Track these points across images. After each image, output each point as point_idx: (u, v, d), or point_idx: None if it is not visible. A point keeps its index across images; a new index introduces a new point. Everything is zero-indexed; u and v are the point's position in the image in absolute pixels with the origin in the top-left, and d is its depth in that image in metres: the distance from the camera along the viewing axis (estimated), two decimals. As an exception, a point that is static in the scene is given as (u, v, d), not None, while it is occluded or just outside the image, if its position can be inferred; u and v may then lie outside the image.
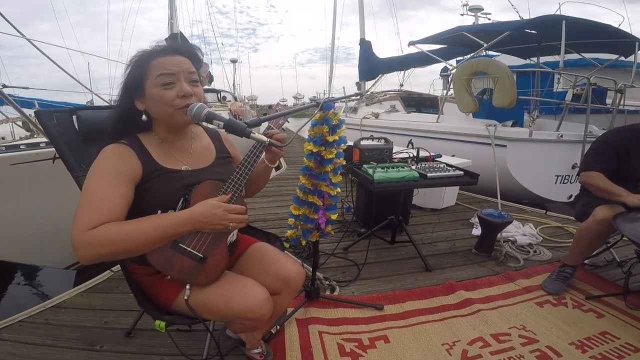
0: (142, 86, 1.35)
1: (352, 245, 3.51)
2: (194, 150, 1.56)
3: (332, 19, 16.84)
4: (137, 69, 1.36)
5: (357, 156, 3.39)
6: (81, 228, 1.15)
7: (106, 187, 1.24)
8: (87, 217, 1.17)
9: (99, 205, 1.20)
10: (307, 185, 2.09)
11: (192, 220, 1.27)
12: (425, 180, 2.84)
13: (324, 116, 1.97)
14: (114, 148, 1.35)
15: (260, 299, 1.42)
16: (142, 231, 1.21)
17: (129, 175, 1.31)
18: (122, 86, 1.40)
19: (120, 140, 1.39)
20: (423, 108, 9.55)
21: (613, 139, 2.59)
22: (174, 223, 1.26)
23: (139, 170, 1.35)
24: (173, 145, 1.50)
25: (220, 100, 15.39)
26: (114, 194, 1.24)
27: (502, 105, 5.57)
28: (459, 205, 4.97)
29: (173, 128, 1.47)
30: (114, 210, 1.22)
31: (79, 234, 1.14)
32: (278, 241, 1.98)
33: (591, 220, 2.48)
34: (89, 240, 1.14)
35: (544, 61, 7.71)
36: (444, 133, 6.63)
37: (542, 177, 5.47)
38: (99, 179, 1.26)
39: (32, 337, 2.20)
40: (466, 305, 2.51)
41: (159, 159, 1.42)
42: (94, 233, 1.15)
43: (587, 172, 2.58)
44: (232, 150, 1.75)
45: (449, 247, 3.55)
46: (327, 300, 2.56)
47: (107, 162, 1.30)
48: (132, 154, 1.35)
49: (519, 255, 3.25)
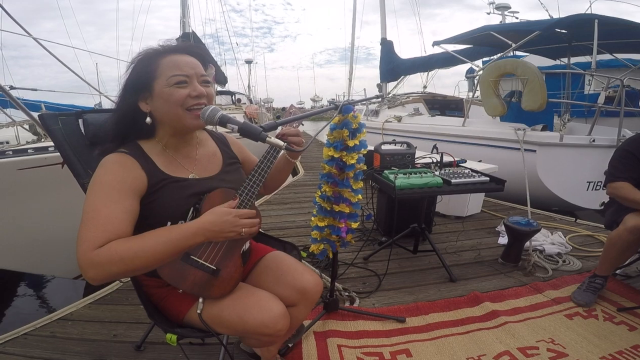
0: (150, 85, 1.32)
1: (372, 255, 3.52)
2: (200, 158, 1.54)
3: (352, 17, 16.80)
4: (145, 67, 1.33)
5: (377, 161, 3.35)
6: (87, 247, 1.12)
7: (109, 202, 1.21)
8: (91, 235, 1.14)
9: (103, 222, 1.17)
10: (330, 193, 2.08)
11: (202, 230, 1.25)
12: (449, 187, 2.83)
13: (344, 120, 1.96)
14: (115, 158, 1.32)
15: (276, 314, 1.40)
16: (152, 246, 1.18)
17: (133, 188, 1.28)
18: (125, 85, 1.36)
19: (120, 149, 1.36)
20: (447, 111, 9.54)
21: (634, 147, 2.59)
22: (184, 235, 1.23)
23: (143, 181, 1.32)
24: (178, 152, 1.47)
25: (234, 102, 15.47)
26: (118, 209, 1.21)
27: (532, 108, 5.57)
28: (484, 213, 4.96)
29: (179, 132, 1.44)
30: (119, 227, 1.19)
31: (85, 254, 1.12)
32: (295, 250, 1.97)
33: (622, 229, 2.47)
34: (96, 259, 1.11)
35: (574, 62, 7.65)
36: (470, 137, 6.62)
37: (573, 184, 5.44)
38: (101, 194, 1.22)
39: (38, 350, 2.20)
40: (492, 318, 2.51)
41: (164, 167, 1.40)
42: (102, 252, 1.12)
43: (614, 183, 2.58)
44: (240, 154, 1.74)
45: (474, 257, 3.55)
46: (346, 312, 2.56)
47: (109, 175, 1.27)
48: (134, 164, 1.32)
49: (548, 265, 3.23)
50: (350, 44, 17.31)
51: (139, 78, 1.33)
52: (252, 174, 1.45)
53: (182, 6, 11.45)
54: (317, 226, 2.17)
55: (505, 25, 10.35)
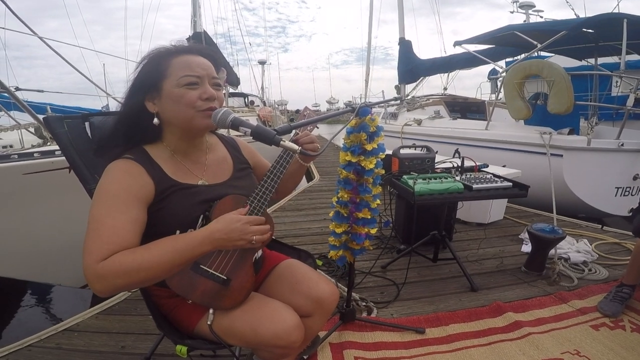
0: (159, 85, 1.32)
1: (390, 263, 3.53)
2: (210, 163, 1.53)
3: (369, 16, 16.74)
4: (155, 66, 1.33)
5: (396, 166, 3.36)
6: (92, 260, 1.13)
7: (115, 212, 1.21)
8: (96, 247, 1.15)
9: (108, 233, 1.17)
10: (347, 199, 2.08)
11: (210, 238, 1.24)
12: (471, 192, 2.82)
13: (361, 123, 1.95)
14: (120, 165, 1.31)
15: (290, 325, 1.39)
16: (157, 257, 1.17)
17: (139, 196, 1.28)
18: (132, 84, 1.36)
19: (125, 155, 1.34)
20: (468, 113, 9.52)
21: None
22: (190, 245, 1.22)
23: (150, 189, 1.31)
24: (186, 157, 1.47)
25: (247, 105, 15.52)
26: (123, 219, 1.21)
27: (558, 111, 5.55)
28: (507, 220, 4.94)
29: (189, 135, 1.44)
30: (125, 238, 1.19)
31: (90, 266, 1.12)
32: (310, 258, 1.96)
33: (651, 236, 2.47)
34: (101, 272, 1.12)
35: (600, 63, 7.60)
36: (494, 141, 6.62)
37: (601, 189, 5.41)
38: (106, 204, 1.22)
39: (42, 363, 2.21)
40: (515, 329, 2.50)
41: (172, 173, 1.39)
42: (106, 265, 1.12)
43: None
44: (252, 159, 1.74)
45: (496, 265, 3.54)
46: (363, 323, 2.56)
47: (115, 183, 1.26)
48: (141, 171, 1.31)
49: (573, 274, 3.22)
50: (367, 44, 17.26)
51: (148, 76, 1.33)
52: (265, 180, 1.44)
53: (192, 4, 11.22)
54: (334, 232, 2.16)
55: (530, 24, 10.33)
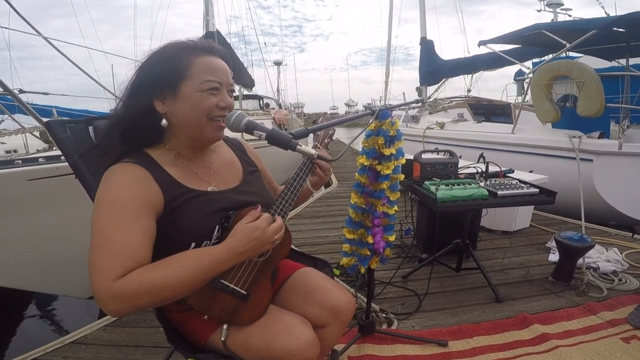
0: (177, 85, 1.27)
1: (412, 273, 3.54)
2: (216, 167, 1.50)
3: (389, 14, 16.57)
4: (175, 62, 1.28)
5: (417, 171, 3.31)
6: (106, 278, 1.07)
7: (123, 224, 1.15)
8: (109, 264, 1.09)
9: (119, 248, 1.11)
10: (360, 204, 2.09)
11: (235, 253, 1.21)
12: (495, 199, 2.82)
13: (380, 126, 1.96)
14: (124, 170, 1.25)
15: (305, 341, 1.36)
16: (180, 276, 1.14)
17: (148, 204, 1.22)
18: (142, 80, 1.30)
19: (126, 159, 1.28)
20: (493, 116, 9.47)
21: None
22: (215, 262, 1.19)
23: (159, 197, 1.26)
24: (191, 161, 1.42)
25: (262, 107, 15.49)
26: (134, 231, 1.16)
27: (588, 114, 5.52)
28: (533, 228, 4.93)
29: (196, 142, 1.41)
30: (138, 253, 1.14)
31: (104, 286, 1.06)
32: (327, 267, 1.92)
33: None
34: (118, 292, 1.06)
35: (632, 64, 7.53)
36: (520, 145, 6.61)
37: (633, 196, 5.36)
38: (112, 215, 1.16)
39: (48, 377, 2.21)
40: (542, 341, 2.50)
41: (181, 179, 1.34)
42: (124, 284, 1.07)
43: None
44: (259, 163, 1.71)
45: (522, 275, 3.55)
46: (383, 335, 2.58)
47: (119, 191, 1.20)
48: (147, 177, 1.26)
49: (602, 284, 3.22)
50: (387, 43, 17.21)
51: (166, 73, 1.27)
52: (284, 192, 1.41)
53: (205, 2, 11.10)
54: (346, 238, 2.19)
55: (558, 23, 10.23)
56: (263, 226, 1.26)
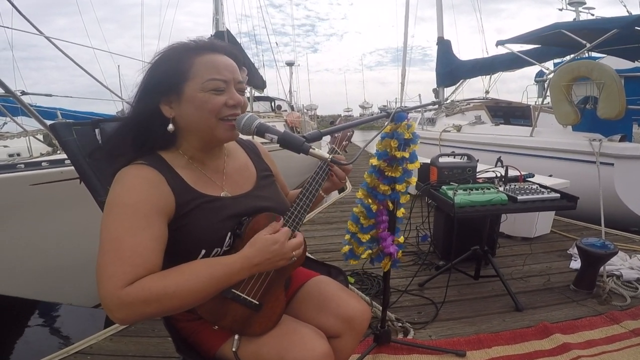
0: (180, 87, 1.25)
1: (428, 281, 3.53)
2: (230, 171, 1.48)
3: (405, 13, 16.52)
4: (175, 64, 1.26)
5: (434, 176, 3.27)
6: (114, 285, 1.05)
7: (134, 229, 1.13)
8: (118, 270, 1.07)
9: (129, 254, 1.10)
10: (366, 201, 2.11)
11: (249, 264, 1.20)
12: (515, 204, 2.80)
13: (396, 129, 1.96)
14: (136, 172, 1.23)
15: (319, 353, 1.34)
16: (192, 285, 1.12)
17: (160, 208, 1.20)
18: (145, 85, 1.29)
19: (138, 161, 1.26)
20: (512, 119, 9.44)
21: None
22: (229, 272, 1.18)
23: (171, 201, 1.24)
24: (205, 165, 1.41)
25: (274, 109, 15.51)
26: (146, 237, 1.14)
27: (609, 116, 5.51)
28: (554, 234, 4.91)
29: (208, 145, 1.39)
30: (149, 259, 1.13)
31: (112, 293, 1.05)
32: (341, 275, 1.90)
33: None
34: (127, 299, 1.05)
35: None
36: (539, 149, 6.59)
37: (656, 201, 5.32)
38: (124, 219, 1.14)
39: (52, 388, 2.21)
40: (563, 351, 2.50)
41: (193, 183, 1.33)
42: (133, 291, 1.06)
43: None
44: (273, 168, 1.70)
45: (542, 283, 3.54)
46: (399, 345, 2.57)
47: (132, 194, 1.18)
48: (161, 180, 1.24)
49: (626, 293, 3.20)
50: (403, 43, 17.16)
51: (167, 77, 1.25)
52: (300, 197, 1.41)
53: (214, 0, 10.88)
54: (347, 229, 2.25)
55: (578, 22, 10.18)
56: (282, 240, 1.25)
